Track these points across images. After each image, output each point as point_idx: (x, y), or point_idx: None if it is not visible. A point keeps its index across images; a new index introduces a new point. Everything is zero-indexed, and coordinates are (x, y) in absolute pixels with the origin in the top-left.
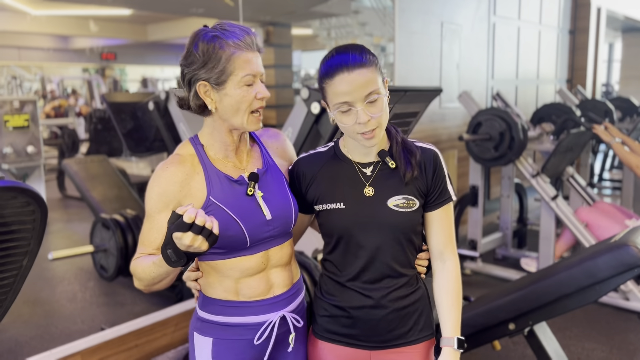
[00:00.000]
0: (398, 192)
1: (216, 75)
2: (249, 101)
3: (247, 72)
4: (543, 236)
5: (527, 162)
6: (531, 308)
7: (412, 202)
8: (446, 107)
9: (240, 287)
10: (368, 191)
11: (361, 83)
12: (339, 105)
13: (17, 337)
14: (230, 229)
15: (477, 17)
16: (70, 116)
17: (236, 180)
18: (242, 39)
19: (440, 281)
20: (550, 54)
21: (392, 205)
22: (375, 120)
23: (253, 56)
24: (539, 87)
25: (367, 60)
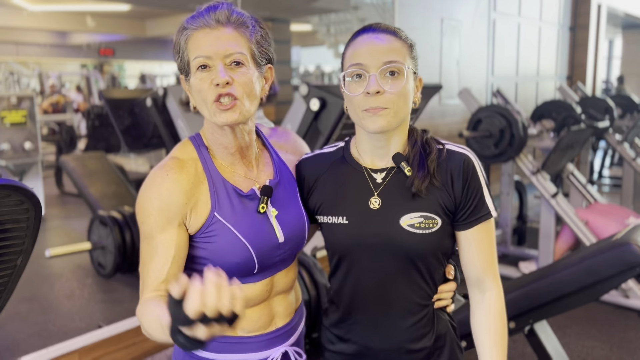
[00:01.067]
0: (414, 208)
1: (181, 65)
2: (204, 89)
3: (197, 54)
4: (543, 234)
5: (527, 159)
6: (531, 307)
7: (433, 221)
8: (446, 104)
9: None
10: (374, 202)
11: (383, 47)
12: (352, 68)
13: (14, 335)
14: (236, 254)
15: (477, 13)
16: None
17: (246, 194)
18: (200, 17)
19: (479, 316)
20: (550, 50)
21: (405, 225)
22: (388, 98)
23: (210, 34)
24: (539, 84)
25: (399, 34)
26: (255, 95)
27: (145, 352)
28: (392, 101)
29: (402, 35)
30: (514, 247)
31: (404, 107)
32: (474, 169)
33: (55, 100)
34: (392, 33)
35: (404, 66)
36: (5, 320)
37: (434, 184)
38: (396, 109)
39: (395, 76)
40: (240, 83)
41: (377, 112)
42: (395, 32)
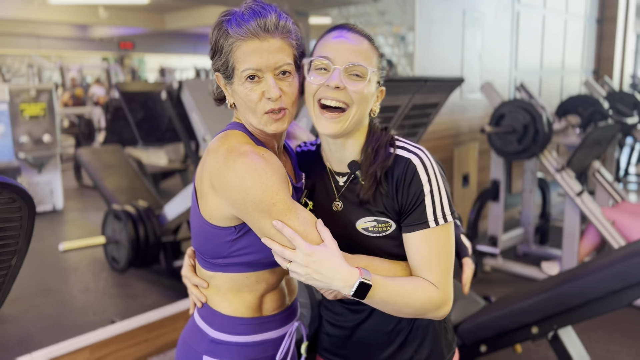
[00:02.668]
0: (369, 212)
1: (223, 68)
2: (254, 101)
3: (246, 67)
4: (567, 233)
5: (551, 156)
6: (556, 312)
7: (386, 224)
8: (467, 98)
9: (264, 301)
10: (337, 205)
11: (353, 48)
12: (318, 59)
13: (28, 328)
14: None
15: (500, 5)
16: (88, 105)
17: (298, 186)
18: (248, 24)
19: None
20: (576, 43)
21: (360, 229)
22: (347, 95)
23: (260, 46)
24: (564, 78)
25: (372, 41)
26: (297, 100)
27: (157, 349)
28: (350, 99)
29: (375, 42)
30: (536, 246)
31: (361, 110)
32: (416, 175)
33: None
34: (365, 37)
35: (369, 70)
36: (20, 313)
37: (381, 192)
38: (353, 112)
39: (358, 78)
40: (289, 94)
41: (333, 117)
42: (368, 37)
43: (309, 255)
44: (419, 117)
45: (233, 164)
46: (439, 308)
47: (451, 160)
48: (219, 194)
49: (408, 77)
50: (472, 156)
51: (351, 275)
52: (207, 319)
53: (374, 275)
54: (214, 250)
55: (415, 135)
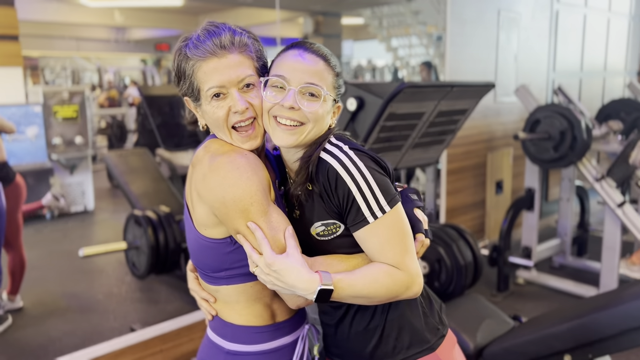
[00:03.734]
0: (318, 217)
1: (189, 91)
2: (221, 117)
3: (210, 86)
4: (607, 246)
5: (590, 164)
6: (592, 340)
7: (334, 226)
8: (502, 102)
9: (275, 307)
10: (296, 213)
11: (308, 68)
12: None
13: (50, 332)
14: None
15: (538, 4)
16: (124, 106)
17: (281, 193)
18: (204, 44)
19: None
20: (619, 43)
21: (314, 234)
22: (301, 114)
23: (219, 63)
24: (606, 80)
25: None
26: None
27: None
28: (305, 118)
29: (332, 62)
30: (574, 257)
31: (317, 127)
32: (338, 178)
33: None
34: (322, 57)
35: (323, 91)
36: (44, 317)
37: (315, 196)
38: (309, 128)
39: (312, 97)
40: (256, 105)
41: (288, 129)
42: (324, 57)
43: (270, 264)
44: (445, 124)
45: (216, 164)
46: (408, 287)
47: (484, 166)
48: (204, 198)
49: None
50: (506, 162)
51: (311, 282)
52: (220, 331)
53: (335, 276)
54: (214, 265)
55: (442, 142)
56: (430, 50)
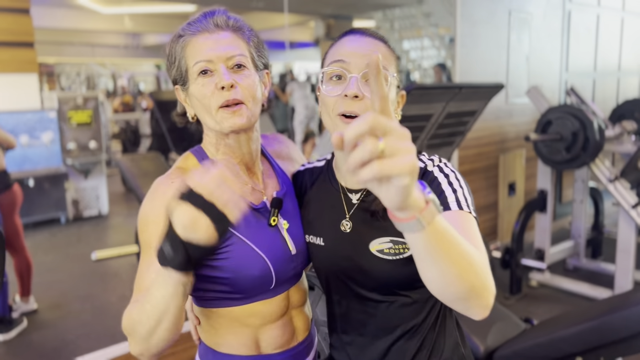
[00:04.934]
0: (385, 232)
1: (177, 74)
2: (207, 95)
3: (197, 59)
4: (621, 248)
5: (603, 165)
6: (603, 342)
7: (404, 245)
8: (514, 103)
9: (262, 338)
10: (345, 225)
11: (370, 50)
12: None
13: (64, 335)
14: (255, 267)
15: (550, 4)
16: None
17: (258, 207)
18: (195, 23)
19: None
20: (634, 43)
21: (374, 250)
22: (368, 105)
23: (209, 38)
24: (621, 81)
25: (388, 42)
26: (258, 98)
27: None
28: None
29: (390, 46)
30: (588, 260)
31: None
32: (430, 177)
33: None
34: (381, 39)
35: (389, 74)
36: (58, 319)
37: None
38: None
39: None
40: (244, 86)
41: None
42: (384, 39)
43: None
44: (454, 125)
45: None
46: (486, 289)
47: (496, 167)
48: None
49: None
50: (518, 163)
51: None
52: (204, 357)
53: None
54: None
55: (452, 144)
56: (442, 52)
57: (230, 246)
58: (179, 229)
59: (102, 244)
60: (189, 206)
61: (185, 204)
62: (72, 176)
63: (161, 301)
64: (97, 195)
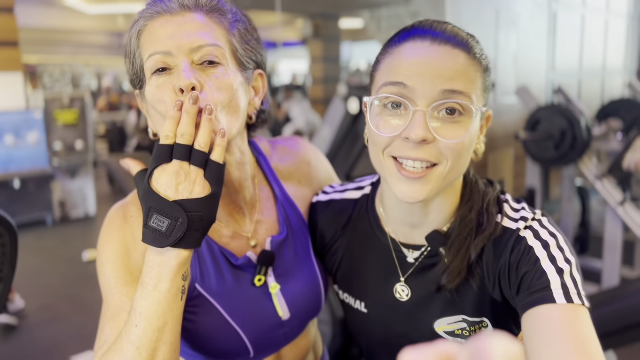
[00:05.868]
0: (456, 308)
1: (132, 72)
2: (163, 102)
3: (151, 51)
4: (608, 245)
5: (591, 162)
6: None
7: (480, 324)
8: (502, 102)
9: None
10: (400, 292)
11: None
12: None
13: (56, 336)
14: (223, 340)
15: (536, 4)
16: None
17: (238, 264)
18: (158, 2)
19: None
20: (618, 43)
21: (442, 331)
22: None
23: (170, 22)
24: (606, 80)
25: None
26: (237, 107)
27: None
28: (444, 155)
29: (477, 51)
30: None
31: (460, 164)
32: (526, 250)
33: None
34: (462, 45)
35: (473, 104)
36: (49, 321)
37: (474, 279)
38: (448, 168)
39: (455, 116)
40: (214, 88)
41: (417, 177)
42: (467, 44)
43: None
44: None
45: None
46: None
47: (485, 166)
48: None
49: None
50: (507, 162)
51: None
52: None
53: None
54: None
55: None
56: None
57: (197, 307)
58: (168, 192)
59: (89, 245)
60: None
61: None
62: (59, 177)
63: (154, 315)
64: (84, 196)
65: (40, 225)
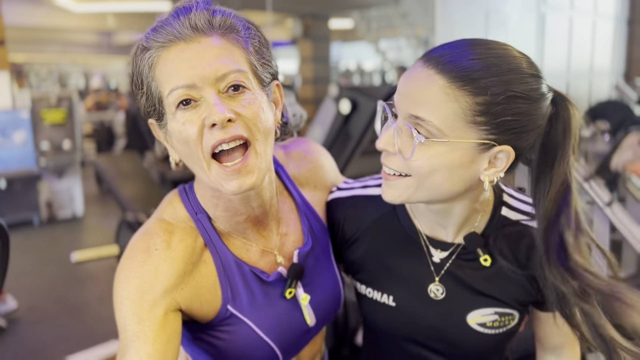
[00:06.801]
0: (489, 302)
1: (148, 105)
2: (193, 139)
3: (173, 85)
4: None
5: (578, 163)
6: None
7: (510, 317)
8: None
9: None
10: (435, 291)
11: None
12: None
13: (42, 338)
14: (256, 354)
15: (525, 6)
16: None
17: (269, 280)
18: (167, 27)
19: None
20: (605, 45)
21: (474, 323)
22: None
23: (187, 51)
24: (593, 82)
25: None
26: (270, 129)
27: None
28: (406, 168)
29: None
30: None
31: (423, 185)
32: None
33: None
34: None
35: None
36: (35, 323)
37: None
38: (412, 184)
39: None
40: (248, 117)
41: (389, 180)
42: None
43: None
44: None
45: (130, 243)
46: None
47: None
48: None
49: None
50: None
51: None
52: None
53: None
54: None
55: None
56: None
57: (228, 326)
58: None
59: (77, 246)
60: None
61: None
62: (46, 177)
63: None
64: (72, 196)
65: (27, 226)
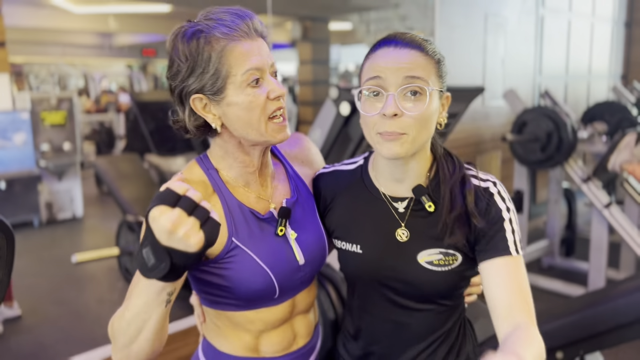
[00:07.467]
0: (437, 243)
1: (210, 82)
2: (260, 106)
3: (248, 67)
4: (594, 247)
5: (577, 165)
6: (583, 337)
7: (453, 257)
8: (490, 105)
9: (261, 342)
10: (402, 234)
11: (405, 63)
12: (369, 83)
13: (42, 340)
14: (257, 281)
15: (524, 9)
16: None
17: (264, 217)
18: (234, 26)
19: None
20: (603, 47)
21: (423, 262)
22: (407, 122)
23: (253, 45)
24: (591, 84)
25: (425, 48)
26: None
27: None
28: (410, 126)
29: (429, 49)
30: (562, 258)
31: (424, 131)
32: (494, 203)
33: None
34: (417, 47)
35: (428, 86)
36: (34, 325)
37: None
38: (415, 135)
39: (417, 96)
40: (285, 93)
41: (393, 138)
42: (420, 46)
43: None
44: None
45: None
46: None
47: None
48: None
49: None
50: (494, 165)
51: None
52: (206, 353)
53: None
54: (192, 284)
55: None
56: None
57: (233, 257)
58: (162, 234)
59: (77, 247)
60: (174, 210)
61: (169, 209)
62: (46, 178)
63: (142, 309)
64: (72, 197)
65: (27, 227)
